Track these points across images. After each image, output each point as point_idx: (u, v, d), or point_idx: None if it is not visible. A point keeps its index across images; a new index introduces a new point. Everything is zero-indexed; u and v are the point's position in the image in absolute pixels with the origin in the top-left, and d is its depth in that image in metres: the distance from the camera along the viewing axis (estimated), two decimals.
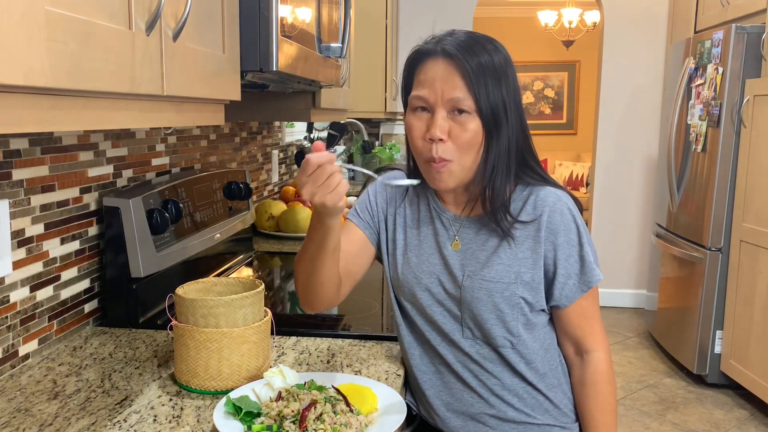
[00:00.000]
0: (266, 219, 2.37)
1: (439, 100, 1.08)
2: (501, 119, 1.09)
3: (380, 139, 4.67)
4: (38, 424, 0.98)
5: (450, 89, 1.07)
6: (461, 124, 1.07)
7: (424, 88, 1.09)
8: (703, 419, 3.03)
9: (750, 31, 3.09)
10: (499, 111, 1.08)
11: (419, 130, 1.11)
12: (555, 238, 1.13)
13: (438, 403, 1.22)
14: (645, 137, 4.53)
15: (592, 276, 1.15)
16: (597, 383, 1.18)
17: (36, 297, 1.24)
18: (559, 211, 1.13)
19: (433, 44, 1.11)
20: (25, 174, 1.19)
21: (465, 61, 1.06)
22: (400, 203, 1.25)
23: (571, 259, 1.14)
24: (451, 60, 1.07)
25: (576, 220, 1.15)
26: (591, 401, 1.19)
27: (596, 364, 1.18)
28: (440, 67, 1.08)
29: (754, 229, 3.03)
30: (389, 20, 3.98)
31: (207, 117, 1.16)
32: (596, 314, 1.19)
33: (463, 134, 1.08)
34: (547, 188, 1.15)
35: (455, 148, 1.08)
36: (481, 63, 1.07)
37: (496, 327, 1.14)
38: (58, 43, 0.67)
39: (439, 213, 1.21)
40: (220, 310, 1.08)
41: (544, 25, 6.90)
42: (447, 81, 1.07)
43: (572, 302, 1.15)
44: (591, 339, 1.18)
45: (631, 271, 4.65)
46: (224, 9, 1.14)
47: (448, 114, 1.08)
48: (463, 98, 1.06)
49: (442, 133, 1.07)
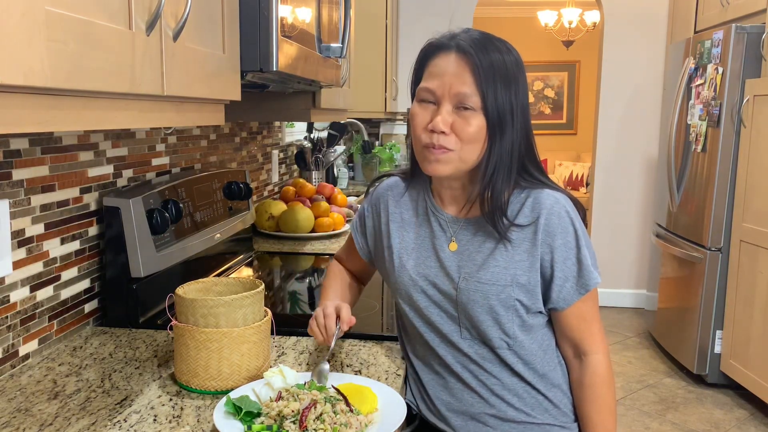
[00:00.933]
0: (266, 219, 2.37)
1: (447, 93, 1.08)
2: (506, 122, 1.09)
3: (380, 139, 4.67)
4: (38, 424, 0.98)
5: (458, 83, 1.07)
6: (465, 119, 1.08)
7: (434, 81, 1.10)
8: (703, 419, 3.03)
9: (750, 31, 3.09)
10: (506, 114, 1.08)
11: (422, 119, 1.11)
12: (552, 241, 1.12)
13: (438, 402, 1.21)
14: (645, 137, 4.53)
15: (589, 279, 1.14)
16: (595, 385, 1.18)
17: (36, 297, 1.24)
18: (557, 214, 1.12)
19: (447, 39, 1.11)
20: (25, 174, 1.19)
21: (477, 57, 1.06)
22: (394, 208, 1.25)
23: (568, 262, 1.13)
24: (464, 55, 1.08)
25: (574, 223, 1.14)
26: (589, 404, 1.19)
27: (595, 366, 1.18)
28: (452, 61, 1.09)
29: (754, 229, 3.03)
30: (389, 20, 3.98)
31: (207, 117, 1.16)
32: (595, 316, 1.19)
33: (466, 128, 1.08)
34: (545, 191, 1.14)
35: (457, 140, 1.09)
36: (493, 62, 1.07)
37: (492, 328, 1.14)
38: (58, 43, 0.67)
39: (436, 214, 1.21)
40: (220, 310, 1.08)
41: (544, 25, 6.90)
42: (457, 75, 1.07)
43: (570, 305, 1.15)
44: (590, 341, 1.18)
45: (631, 271, 4.65)
46: (224, 9, 1.14)
47: (453, 108, 1.09)
48: (470, 94, 1.07)
49: (445, 126, 1.08)
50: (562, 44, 7.14)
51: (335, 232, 2.40)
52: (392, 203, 1.26)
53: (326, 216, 2.43)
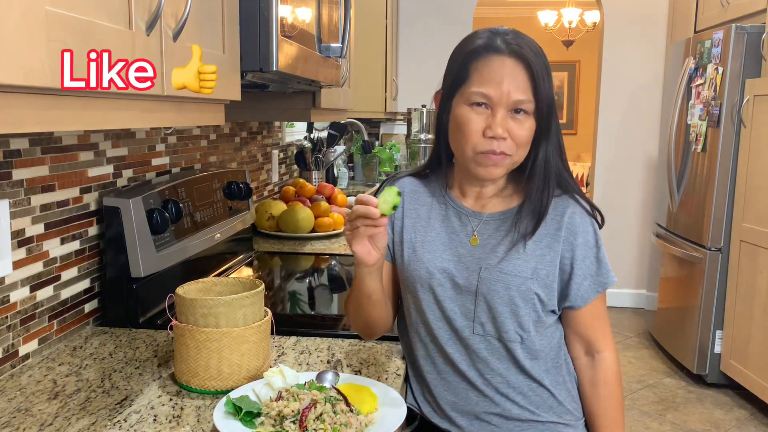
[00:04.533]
0: (266, 219, 2.37)
1: (504, 99, 1.09)
2: (552, 121, 1.13)
3: (380, 139, 4.67)
4: (38, 424, 0.98)
5: (515, 90, 1.09)
6: (519, 122, 1.11)
7: (489, 86, 1.10)
8: (703, 419, 3.03)
9: (750, 31, 3.09)
10: (552, 113, 1.13)
11: (478, 125, 1.12)
12: (574, 239, 1.16)
13: (443, 402, 1.22)
14: (645, 137, 4.53)
15: (607, 278, 1.19)
16: (609, 383, 1.21)
17: (36, 297, 1.24)
18: (580, 213, 1.18)
19: (497, 41, 1.11)
20: (25, 174, 1.19)
21: (534, 62, 1.09)
22: (409, 204, 1.25)
23: (587, 261, 1.17)
24: (520, 60, 1.09)
25: (593, 224, 1.19)
26: (604, 400, 1.22)
27: (609, 363, 1.22)
28: (508, 66, 1.10)
29: (754, 229, 3.03)
30: (389, 20, 3.98)
31: (207, 117, 1.16)
32: (606, 315, 1.23)
33: (521, 132, 1.11)
34: (569, 192, 1.20)
35: (513, 144, 1.12)
36: (546, 66, 1.11)
37: (509, 321, 1.15)
38: (58, 43, 0.67)
39: (456, 209, 1.22)
40: (220, 310, 1.08)
41: (544, 25, 6.90)
42: (514, 81, 1.09)
43: (587, 303, 1.18)
44: (602, 339, 1.22)
45: (631, 271, 4.65)
46: (224, 9, 1.14)
47: (507, 113, 1.11)
48: (527, 100, 1.10)
49: (505, 132, 1.10)
50: (562, 44, 7.14)
51: (335, 232, 2.40)
52: (407, 200, 1.26)
53: (326, 216, 2.43)
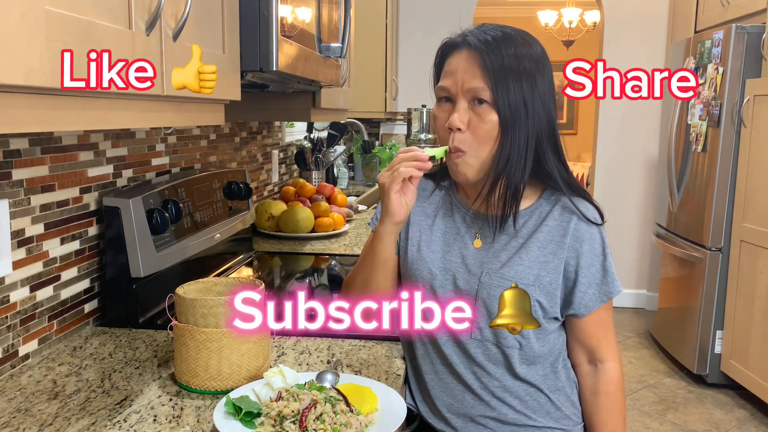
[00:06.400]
0: (266, 219, 2.37)
1: (460, 90, 1.10)
2: (520, 117, 1.08)
3: (380, 139, 4.67)
4: (38, 424, 0.98)
5: (470, 79, 1.08)
6: (480, 115, 1.09)
7: (447, 79, 1.12)
8: (703, 419, 3.03)
9: (750, 31, 3.09)
10: (519, 109, 1.07)
11: (441, 120, 1.13)
12: (579, 246, 1.13)
13: (440, 403, 1.21)
14: (645, 137, 4.52)
15: (613, 287, 1.15)
16: (611, 393, 1.19)
17: (36, 297, 1.24)
18: (586, 221, 1.14)
19: (459, 37, 1.13)
20: (25, 174, 1.19)
21: (486, 53, 1.07)
22: (419, 202, 1.24)
23: (593, 269, 1.14)
24: (473, 51, 1.09)
25: (601, 232, 1.16)
26: (604, 410, 1.20)
27: (612, 373, 1.19)
28: (463, 58, 1.10)
29: (754, 229, 3.03)
30: (389, 20, 3.98)
31: (207, 117, 1.16)
32: (611, 324, 1.20)
33: (481, 125, 1.09)
34: (577, 197, 1.15)
35: (472, 138, 1.10)
36: (504, 57, 1.07)
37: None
38: (58, 43, 0.67)
39: (461, 210, 1.21)
40: (220, 310, 1.08)
41: (544, 25, 6.90)
42: (467, 71, 1.09)
43: (591, 311, 1.16)
44: (606, 348, 1.19)
45: (631, 271, 4.65)
46: (224, 9, 1.14)
47: (469, 105, 1.10)
48: (482, 88, 1.08)
49: (461, 123, 1.09)
50: (562, 44, 7.14)
51: (335, 232, 2.40)
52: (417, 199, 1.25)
53: (326, 216, 2.43)
